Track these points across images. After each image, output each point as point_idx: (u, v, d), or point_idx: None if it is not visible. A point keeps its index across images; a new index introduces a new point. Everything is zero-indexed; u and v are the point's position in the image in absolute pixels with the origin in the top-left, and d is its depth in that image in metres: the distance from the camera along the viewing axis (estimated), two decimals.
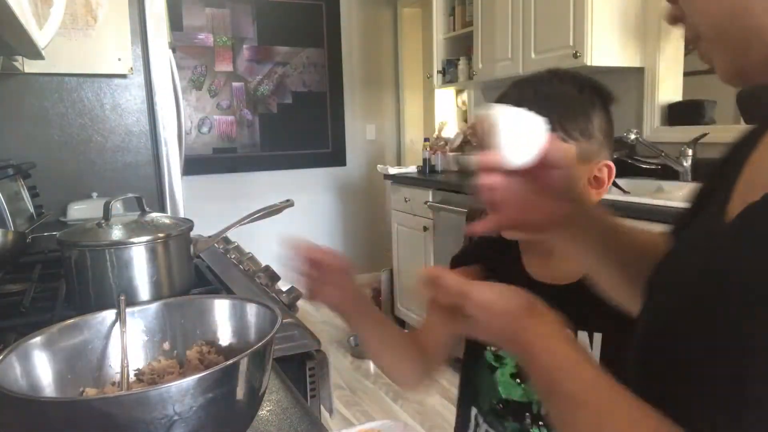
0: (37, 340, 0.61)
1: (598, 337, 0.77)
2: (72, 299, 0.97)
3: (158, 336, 0.70)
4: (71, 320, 0.66)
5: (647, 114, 2.50)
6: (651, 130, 2.49)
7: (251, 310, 0.69)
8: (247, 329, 0.69)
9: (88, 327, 0.66)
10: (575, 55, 2.38)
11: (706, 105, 2.41)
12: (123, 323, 0.66)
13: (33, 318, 0.91)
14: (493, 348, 0.86)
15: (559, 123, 0.75)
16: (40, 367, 0.60)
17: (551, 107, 0.74)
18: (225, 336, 0.71)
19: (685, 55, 2.52)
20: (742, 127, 2.19)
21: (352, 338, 3.23)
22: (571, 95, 0.79)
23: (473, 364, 0.89)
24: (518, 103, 0.72)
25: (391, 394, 2.72)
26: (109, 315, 0.67)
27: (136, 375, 0.67)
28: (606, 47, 2.40)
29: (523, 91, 0.81)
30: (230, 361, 0.52)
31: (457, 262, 0.90)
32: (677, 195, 2.07)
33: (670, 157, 2.26)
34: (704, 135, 2.18)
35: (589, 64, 2.35)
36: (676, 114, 2.46)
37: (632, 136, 2.27)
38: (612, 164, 0.81)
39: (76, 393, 0.62)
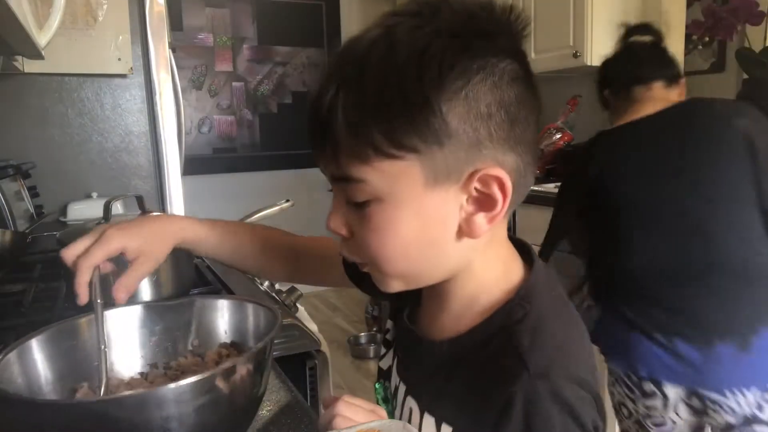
0: (36, 339, 0.61)
1: (447, 429, 0.53)
2: (72, 299, 0.97)
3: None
4: (70, 320, 0.66)
5: None
6: None
7: (254, 311, 0.69)
8: (247, 331, 0.69)
9: (87, 327, 0.66)
10: (575, 55, 2.38)
11: None
12: (101, 323, 0.63)
13: (33, 318, 0.91)
14: (384, 383, 0.67)
15: (383, 134, 0.45)
16: (38, 366, 0.60)
17: (364, 104, 0.46)
18: (230, 336, 0.71)
19: (685, 55, 2.52)
20: None
21: (352, 338, 3.24)
22: (403, 68, 0.45)
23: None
24: (327, 94, 0.47)
25: None
26: (109, 315, 0.67)
27: (164, 369, 0.68)
28: (606, 47, 2.37)
29: (341, 74, 0.47)
30: (227, 364, 0.52)
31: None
32: None
33: None
34: None
35: (589, 63, 2.35)
36: None
37: None
38: (501, 174, 0.48)
39: (74, 393, 0.62)
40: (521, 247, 0.58)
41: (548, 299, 0.54)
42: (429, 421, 0.54)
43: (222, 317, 0.71)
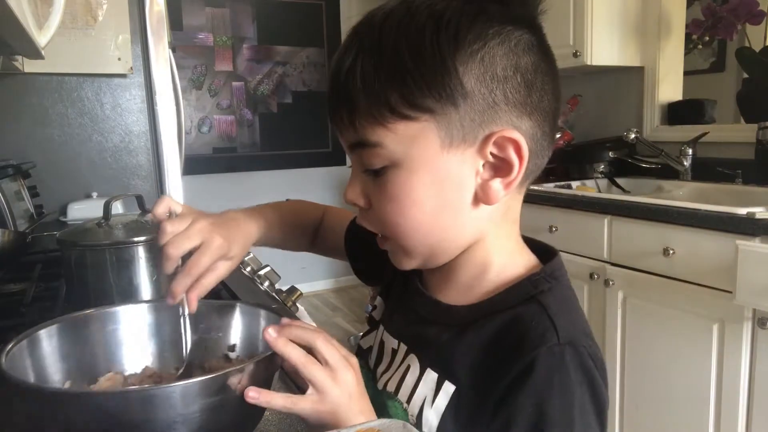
0: (49, 329, 0.60)
1: (450, 388, 0.53)
2: (72, 299, 0.97)
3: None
4: (84, 311, 0.64)
5: (647, 113, 2.50)
6: (651, 129, 2.48)
7: (261, 315, 0.68)
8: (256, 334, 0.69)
9: (98, 319, 0.65)
10: (575, 55, 2.37)
11: (706, 104, 2.41)
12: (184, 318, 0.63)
13: (33, 318, 0.91)
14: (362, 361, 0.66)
15: (399, 95, 0.46)
16: (49, 357, 0.59)
17: (381, 66, 0.47)
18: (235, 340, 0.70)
19: (686, 54, 2.52)
20: (742, 127, 2.19)
21: (352, 338, 3.24)
22: (420, 31, 0.46)
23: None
24: (346, 61, 0.49)
25: None
26: (123, 309, 0.66)
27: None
28: (606, 46, 2.39)
29: (359, 41, 0.49)
30: (236, 367, 0.52)
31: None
32: (677, 194, 2.07)
33: (670, 157, 2.26)
34: (704, 134, 2.18)
35: (589, 63, 2.35)
36: (676, 113, 2.46)
37: (632, 136, 2.27)
38: (518, 136, 0.48)
39: (84, 385, 0.61)
40: (535, 246, 0.59)
41: (567, 286, 0.55)
42: (430, 377, 0.54)
43: (251, 324, 0.70)
